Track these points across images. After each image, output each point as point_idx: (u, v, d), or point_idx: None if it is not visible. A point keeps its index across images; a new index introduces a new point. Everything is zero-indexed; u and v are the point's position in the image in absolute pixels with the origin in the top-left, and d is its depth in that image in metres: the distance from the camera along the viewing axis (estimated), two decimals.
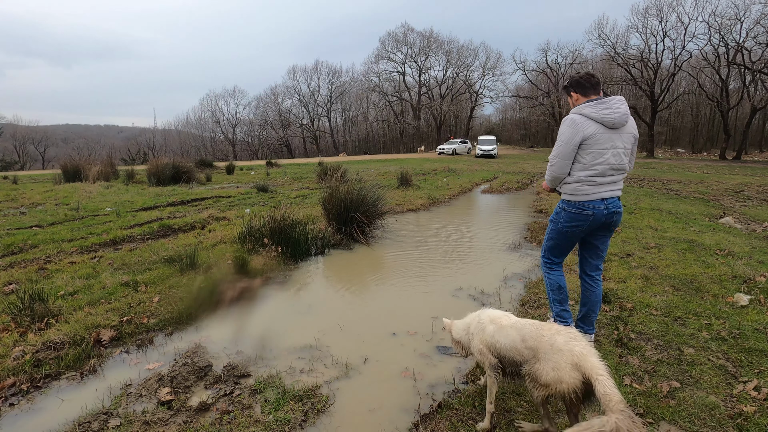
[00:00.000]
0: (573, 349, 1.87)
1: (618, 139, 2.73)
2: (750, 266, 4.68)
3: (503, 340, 2.15)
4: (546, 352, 1.94)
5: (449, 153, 37.61)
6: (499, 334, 2.19)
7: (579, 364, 1.82)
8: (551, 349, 1.92)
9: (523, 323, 2.17)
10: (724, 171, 21.08)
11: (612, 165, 2.73)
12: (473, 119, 60.25)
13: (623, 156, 2.76)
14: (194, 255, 4.74)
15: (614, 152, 2.72)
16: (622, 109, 2.70)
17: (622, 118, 2.70)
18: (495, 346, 2.19)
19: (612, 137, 2.71)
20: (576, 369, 1.83)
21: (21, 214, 8.51)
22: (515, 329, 2.15)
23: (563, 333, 1.97)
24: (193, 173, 15.03)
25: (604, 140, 2.70)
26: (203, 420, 2.34)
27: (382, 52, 54.27)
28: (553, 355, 1.91)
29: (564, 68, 45.93)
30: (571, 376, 1.83)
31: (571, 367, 1.84)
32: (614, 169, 2.75)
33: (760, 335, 3.11)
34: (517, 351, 2.07)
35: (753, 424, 2.19)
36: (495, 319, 2.28)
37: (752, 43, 31.44)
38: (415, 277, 4.82)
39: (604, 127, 2.70)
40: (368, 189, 6.65)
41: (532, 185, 13.93)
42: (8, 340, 3.10)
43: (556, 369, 1.87)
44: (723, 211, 8.84)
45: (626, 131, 2.76)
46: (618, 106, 2.71)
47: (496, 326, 2.23)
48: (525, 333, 2.09)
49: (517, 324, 2.18)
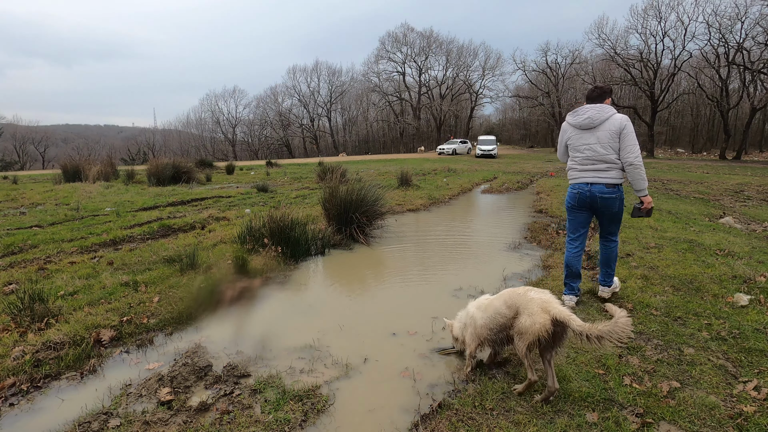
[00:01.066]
0: (541, 297, 2.38)
1: (591, 137, 3.43)
2: (750, 266, 4.68)
3: (490, 312, 2.61)
4: (522, 305, 2.42)
5: (449, 153, 37.61)
6: (485, 312, 2.65)
7: (547, 309, 2.30)
8: (526, 301, 2.40)
9: (502, 292, 2.67)
10: (724, 171, 21.09)
11: (588, 156, 3.45)
12: (473, 119, 60.28)
13: (600, 149, 3.40)
14: (194, 255, 4.74)
15: (587, 146, 3.45)
16: (587, 115, 3.43)
17: (585, 122, 3.43)
18: (488, 326, 2.61)
19: (584, 135, 3.47)
20: (545, 312, 2.29)
21: (21, 214, 8.51)
22: (497, 299, 2.64)
23: (534, 290, 2.47)
24: (193, 173, 15.03)
25: (576, 139, 3.52)
26: (203, 420, 2.34)
27: (382, 52, 54.31)
28: (528, 304, 2.39)
29: (564, 68, 45.91)
30: (542, 317, 2.28)
31: (541, 311, 2.31)
32: (593, 160, 3.43)
33: (760, 335, 3.11)
34: (501, 314, 2.53)
35: (753, 424, 2.19)
36: (480, 305, 2.75)
37: (752, 43, 31.46)
38: (415, 277, 4.82)
39: (578, 129, 3.50)
40: (368, 189, 6.65)
41: (532, 185, 13.93)
42: (8, 340, 3.10)
43: (531, 315, 2.34)
44: (723, 211, 8.84)
45: (602, 129, 3.39)
46: (583, 112, 3.46)
47: (482, 308, 2.71)
48: (505, 297, 2.57)
49: (497, 295, 2.70)
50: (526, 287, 2.54)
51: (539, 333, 2.27)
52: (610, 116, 3.36)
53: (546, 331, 2.26)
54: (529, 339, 2.31)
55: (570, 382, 2.57)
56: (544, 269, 4.88)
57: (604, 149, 3.37)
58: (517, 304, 2.45)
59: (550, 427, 2.20)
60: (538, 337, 2.29)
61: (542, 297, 2.39)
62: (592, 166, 3.44)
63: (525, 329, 2.34)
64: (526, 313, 2.37)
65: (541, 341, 2.33)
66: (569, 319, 2.22)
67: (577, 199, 3.58)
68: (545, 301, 2.35)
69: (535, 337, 2.29)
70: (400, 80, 56.14)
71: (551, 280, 4.38)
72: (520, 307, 2.42)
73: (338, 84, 61.94)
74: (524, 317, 2.37)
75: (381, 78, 55.92)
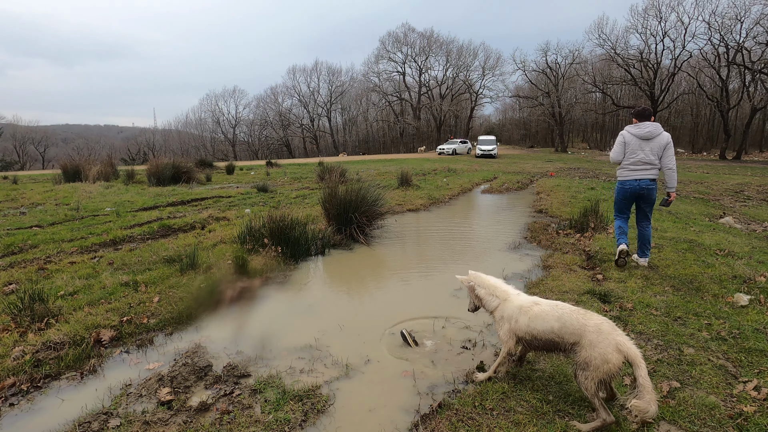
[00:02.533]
0: (611, 332, 2.20)
1: (647, 146, 4.52)
2: (750, 266, 4.68)
3: (541, 327, 2.41)
4: (588, 335, 2.23)
5: (449, 153, 37.60)
6: (534, 322, 2.45)
7: (620, 349, 2.14)
8: (594, 332, 2.22)
9: (557, 305, 2.46)
10: (724, 171, 21.09)
11: (640, 159, 4.55)
12: (473, 119, 60.22)
13: (651, 155, 4.51)
14: (194, 255, 4.74)
15: (642, 152, 4.53)
16: (648, 129, 4.50)
17: (646, 134, 4.50)
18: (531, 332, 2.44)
19: (641, 144, 4.54)
20: (619, 352, 2.13)
21: (21, 214, 8.52)
22: (551, 313, 2.42)
23: (596, 317, 2.31)
24: (193, 173, 15.03)
25: (635, 145, 4.55)
26: (203, 420, 2.34)
27: (382, 52, 54.25)
28: (597, 337, 2.20)
29: (564, 68, 45.87)
30: (616, 356, 2.13)
31: (614, 349, 2.14)
32: (644, 162, 4.55)
33: (760, 335, 3.11)
34: (554, 332, 2.36)
35: (753, 424, 2.19)
36: (526, 311, 2.51)
37: (752, 43, 31.45)
38: (415, 277, 4.82)
39: (638, 138, 4.54)
40: (368, 189, 6.65)
41: (532, 185, 13.93)
42: (8, 340, 3.10)
43: (603, 353, 2.15)
44: (723, 211, 8.84)
45: (655, 141, 4.50)
46: (645, 127, 4.51)
47: (529, 316, 2.47)
48: (565, 319, 2.35)
49: (551, 306, 2.47)
50: (588, 312, 2.35)
51: (613, 373, 2.14)
52: (660, 133, 4.52)
53: (618, 370, 2.13)
54: (599, 377, 2.14)
55: (570, 382, 2.57)
56: (544, 269, 4.88)
57: (654, 155, 4.51)
58: (580, 332, 2.25)
59: (550, 427, 2.20)
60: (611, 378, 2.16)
61: (618, 339, 2.18)
62: (642, 167, 4.56)
63: (594, 365, 2.14)
64: (597, 347, 2.17)
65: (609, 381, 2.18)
66: (639, 362, 2.10)
67: (627, 190, 4.69)
68: (619, 342, 2.16)
69: (606, 376, 2.14)
70: (400, 80, 56.12)
71: (551, 280, 4.38)
72: (584, 337, 2.23)
73: (338, 84, 61.95)
74: (593, 351, 2.17)
75: (381, 78, 55.91)
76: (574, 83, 45.65)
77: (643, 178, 4.56)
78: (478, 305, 2.81)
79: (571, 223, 6.79)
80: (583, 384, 2.20)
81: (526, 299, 2.60)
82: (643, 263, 4.80)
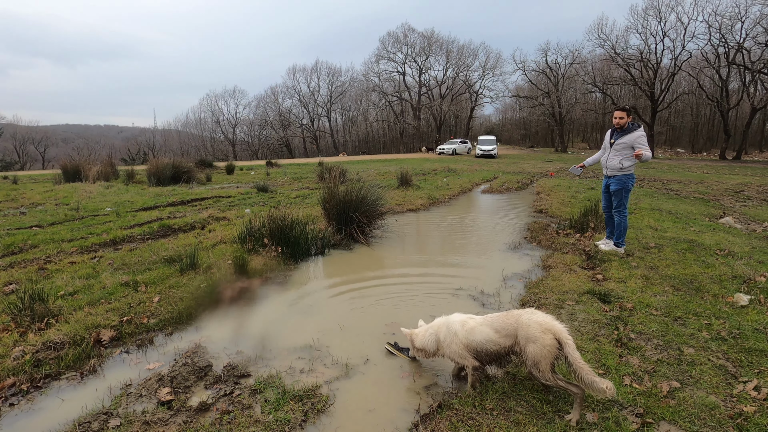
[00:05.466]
0: (538, 320, 2.35)
1: None
2: (750, 266, 4.68)
3: (479, 338, 2.52)
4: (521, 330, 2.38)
5: (449, 153, 37.60)
6: (472, 335, 2.54)
7: (546, 328, 2.31)
8: (525, 326, 2.37)
9: (491, 317, 2.58)
10: (724, 171, 21.08)
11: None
12: (473, 119, 60.16)
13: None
14: (194, 255, 4.74)
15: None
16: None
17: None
18: (471, 345, 2.53)
19: None
20: (545, 332, 2.29)
21: (21, 214, 8.51)
22: (485, 325, 2.54)
23: (527, 311, 2.44)
24: (193, 173, 15.02)
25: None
26: (203, 420, 2.34)
27: (382, 52, 54.19)
28: (527, 329, 2.34)
29: (564, 68, 45.84)
30: (548, 338, 2.28)
31: (542, 332, 2.30)
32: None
33: (760, 335, 3.11)
34: (492, 341, 2.48)
35: (753, 424, 2.19)
36: (464, 323, 2.61)
37: (752, 43, 31.45)
38: (415, 277, 4.82)
39: None
40: (368, 189, 6.65)
41: (532, 185, 13.93)
42: (8, 340, 3.10)
43: (536, 340, 2.30)
44: (723, 211, 8.84)
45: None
46: None
47: (467, 329, 2.57)
48: (496, 325, 2.49)
49: (486, 320, 2.59)
50: (517, 311, 2.50)
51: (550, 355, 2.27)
52: None
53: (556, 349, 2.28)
54: (549, 362, 2.29)
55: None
56: (544, 269, 4.88)
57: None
58: (514, 331, 2.40)
59: (550, 427, 2.20)
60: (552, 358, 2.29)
61: (539, 319, 2.36)
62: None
63: (536, 356, 2.30)
64: (530, 339, 2.32)
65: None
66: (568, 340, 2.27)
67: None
68: (544, 322, 2.33)
69: (552, 358, 2.29)
70: (400, 80, 56.06)
71: (551, 280, 4.38)
72: (519, 334, 2.38)
73: (338, 84, 61.89)
74: (530, 345, 2.32)
75: (381, 78, 55.83)
76: (574, 83, 45.64)
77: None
78: (423, 357, 2.80)
79: (571, 223, 6.79)
80: (542, 376, 2.32)
81: (458, 316, 2.70)
82: (622, 252, 5.30)
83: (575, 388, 2.25)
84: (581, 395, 2.24)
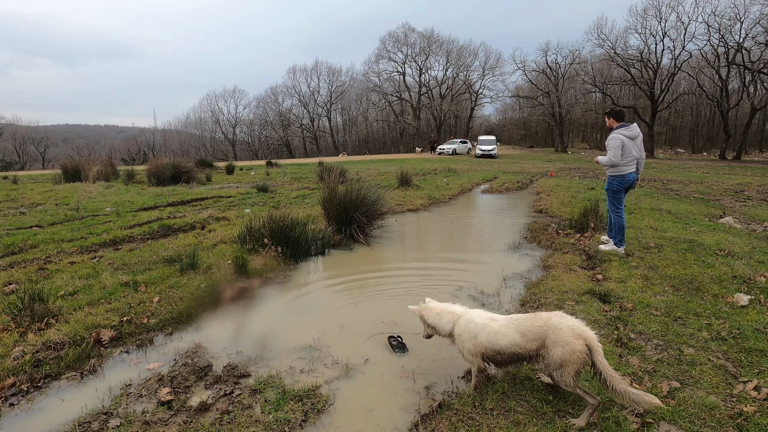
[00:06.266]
0: (569, 324, 2.27)
1: (635, 144, 5.20)
2: (750, 266, 4.68)
3: (502, 342, 2.41)
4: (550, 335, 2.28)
5: (449, 153, 37.59)
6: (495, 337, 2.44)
7: (578, 334, 2.23)
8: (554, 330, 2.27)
9: (517, 319, 2.46)
10: (724, 171, 21.08)
11: (634, 156, 5.20)
12: (473, 119, 60.15)
13: (637, 152, 5.24)
14: (194, 255, 4.74)
15: (635, 150, 5.20)
16: (636, 130, 5.22)
17: (635, 134, 5.19)
18: (492, 349, 2.43)
19: (632, 143, 5.17)
20: (578, 337, 2.21)
21: (21, 214, 8.51)
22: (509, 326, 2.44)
23: (557, 315, 2.35)
24: (193, 173, 15.02)
25: (630, 145, 5.15)
26: (203, 420, 2.34)
27: (382, 52, 54.18)
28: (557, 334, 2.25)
29: (564, 68, 45.82)
30: (581, 344, 2.20)
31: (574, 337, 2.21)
32: (634, 158, 5.22)
33: (760, 335, 3.11)
34: (517, 344, 2.38)
35: (753, 424, 2.19)
36: (486, 326, 2.49)
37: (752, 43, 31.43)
38: (415, 277, 4.82)
39: (630, 139, 5.15)
40: (368, 189, 6.65)
41: (532, 185, 13.93)
42: (8, 340, 3.10)
43: (565, 344, 2.21)
44: (723, 211, 8.84)
45: (638, 139, 5.24)
46: (634, 128, 5.21)
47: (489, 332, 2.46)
48: (523, 328, 2.38)
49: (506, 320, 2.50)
50: (548, 314, 2.38)
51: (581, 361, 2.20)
52: (639, 132, 5.31)
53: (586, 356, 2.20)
54: (575, 369, 2.22)
55: None
56: (544, 269, 4.88)
57: (639, 152, 5.27)
58: (542, 335, 2.30)
59: (550, 427, 2.20)
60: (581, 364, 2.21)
61: (571, 323, 2.28)
62: (633, 162, 5.21)
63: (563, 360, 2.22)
64: (560, 343, 2.24)
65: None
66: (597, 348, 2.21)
67: (626, 183, 5.27)
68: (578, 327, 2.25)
69: (580, 365, 2.21)
70: (400, 80, 56.05)
71: (551, 280, 4.38)
72: (548, 337, 2.28)
73: (338, 84, 61.90)
74: (558, 348, 2.24)
75: (381, 78, 55.82)
76: (574, 83, 45.59)
77: (634, 171, 5.29)
78: (432, 333, 2.76)
79: (571, 223, 6.79)
80: (563, 381, 2.26)
81: (481, 315, 2.58)
82: (621, 252, 5.35)
83: (592, 399, 2.23)
84: (596, 406, 2.22)
